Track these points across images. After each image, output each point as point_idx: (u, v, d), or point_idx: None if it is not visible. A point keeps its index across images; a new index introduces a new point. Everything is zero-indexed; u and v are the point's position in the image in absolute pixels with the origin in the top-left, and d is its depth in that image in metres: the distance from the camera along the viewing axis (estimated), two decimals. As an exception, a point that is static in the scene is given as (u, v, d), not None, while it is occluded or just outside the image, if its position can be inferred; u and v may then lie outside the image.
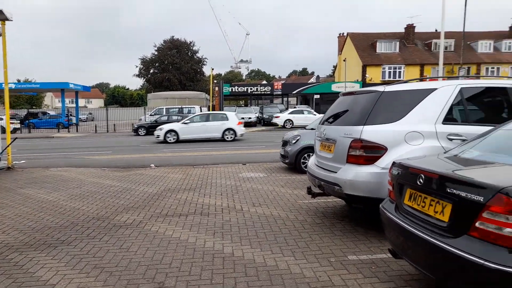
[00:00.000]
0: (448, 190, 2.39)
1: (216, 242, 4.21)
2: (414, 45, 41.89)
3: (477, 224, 2.16)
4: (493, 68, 39.64)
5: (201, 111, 27.59)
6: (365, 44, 42.13)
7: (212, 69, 31.93)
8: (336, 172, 4.48)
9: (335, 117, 4.99)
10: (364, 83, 38.57)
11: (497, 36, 42.01)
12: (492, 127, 3.39)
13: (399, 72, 39.68)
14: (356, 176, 4.19)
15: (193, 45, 58.83)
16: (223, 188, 7.13)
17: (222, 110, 29.97)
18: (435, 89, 4.33)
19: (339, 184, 4.36)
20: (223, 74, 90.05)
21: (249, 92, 40.45)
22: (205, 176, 8.47)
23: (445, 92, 4.30)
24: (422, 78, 5.60)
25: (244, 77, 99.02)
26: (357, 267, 3.50)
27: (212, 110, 28.94)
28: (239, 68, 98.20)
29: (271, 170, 9.18)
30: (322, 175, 4.76)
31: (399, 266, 3.47)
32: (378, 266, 3.52)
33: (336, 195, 4.60)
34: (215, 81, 34.37)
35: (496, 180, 2.15)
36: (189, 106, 29.31)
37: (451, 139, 4.14)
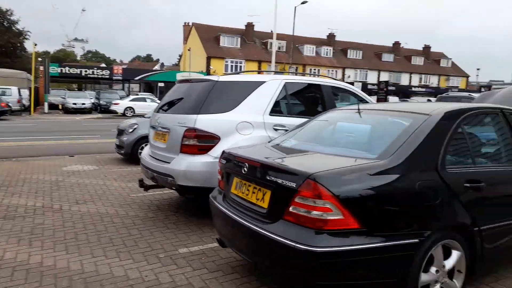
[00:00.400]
0: (268, 178, 2.48)
1: (20, 252, 3.47)
2: (253, 43, 45.15)
3: (290, 209, 2.29)
4: (315, 69, 46.15)
5: (19, 93, 23.27)
6: (209, 36, 43.13)
7: (35, 45, 27.04)
8: (169, 163, 4.28)
9: (170, 105, 4.77)
10: (208, 75, 39.46)
11: (318, 42, 49.08)
12: (308, 119, 3.76)
13: (240, 67, 42.17)
14: (189, 166, 4.09)
15: (11, 14, 49.03)
16: (39, 184, 6.05)
17: (48, 93, 26.01)
18: (264, 82, 4.58)
19: (172, 175, 4.17)
20: (52, 52, 78.20)
21: (83, 74, 36.11)
22: (16, 171, 7.06)
23: (272, 85, 4.59)
24: (254, 71, 5.90)
25: (78, 58, 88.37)
26: (186, 260, 3.39)
27: (35, 92, 24.73)
28: (73, 47, 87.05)
29: (104, 162, 8.34)
30: (155, 166, 4.50)
31: (227, 253, 3.52)
32: (208, 256, 3.50)
33: (169, 186, 4.41)
34: (39, 59, 29.40)
35: (306, 167, 2.32)
36: (4, 87, 24.20)
37: (276, 129, 4.45)
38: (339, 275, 2.22)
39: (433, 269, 2.46)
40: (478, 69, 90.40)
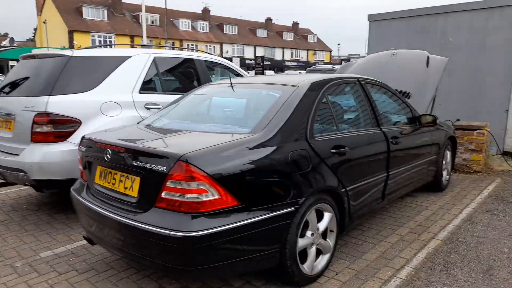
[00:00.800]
0: (135, 163, 2.22)
1: None
2: (123, 15, 41.70)
3: (163, 195, 2.09)
4: (192, 45, 45.23)
5: None
6: (69, 8, 38.22)
7: None
8: (18, 155, 3.59)
9: (14, 86, 3.97)
10: (72, 51, 35.14)
11: (194, 16, 48.01)
12: (181, 95, 3.54)
13: (110, 42, 38.66)
14: (45, 157, 3.49)
15: None
16: None
17: None
18: (130, 56, 4.13)
19: (23, 169, 3.52)
20: None
21: None
22: None
23: (139, 60, 4.18)
24: (126, 44, 5.32)
25: None
26: (51, 265, 2.93)
27: None
28: None
29: None
30: (1, 161, 3.74)
31: (101, 249, 3.16)
32: (78, 256, 3.08)
33: (22, 183, 3.72)
34: None
35: (177, 148, 2.13)
36: None
37: (149, 108, 4.11)
38: (219, 256, 2.13)
39: (309, 233, 2.58)
40: (338, 44, 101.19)
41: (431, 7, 6.95)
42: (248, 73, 5.93)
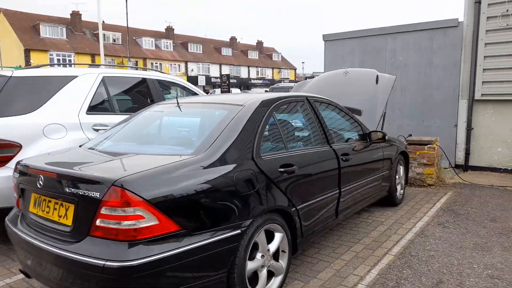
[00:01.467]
0: (68, 190, 2.08)
1: None
2: (83, 34, 40.82)
3: (98, 223, 1.97)
4: (156, 63, 44.82)
5: None
6: (25, 26, 36.94)
7: None
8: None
9: None
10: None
11: (157, 35, 47.78)
12: (128, 116, 3.42)
13: (70, 60, 37.61)
14: (-20, 184, 3.24)
15: None
16: None
17: None
18: (76, 76, 3.98)
19: (-46, 198, 3.24)
20: None
21: None
22: None
23: (86, 80, 4.04)
24: (85, 64, 5.13)
25: None
26: (-19, 304, 2.67)
27: None
28: None
29: None
30: None
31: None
32: (14, 291, 2.84)
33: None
34: None
35: (112, 173, 2.02)
36: None
37: (97, 130, 3.94)
38: (161, 285, 2.01)
39: (258, 255, 2.51)
40: (303, 62, 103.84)
41: (381, 28, 7.28)
42: (214, 91, 5.86)
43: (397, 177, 4.73)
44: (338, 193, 3.38)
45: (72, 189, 2.06)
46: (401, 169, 4.91)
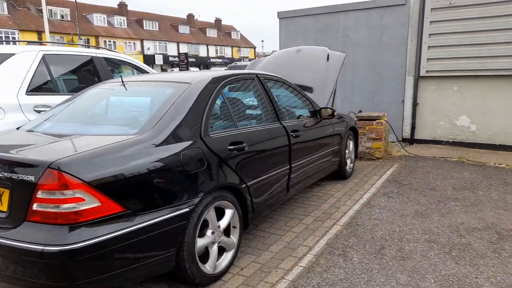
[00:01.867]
0: (1, 174, 1.98)
1: None
2: (27, 9, 37.90)
3: (34, 207, 1.90)
4: (110, 41, 42.71)
5: None
6: (-41, -1, 33.66)
7: None
8: None
9: None
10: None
11: (109, 11, 45.33)
12: (72, 95, 3.28)
13: (13, 38, 34.94)
14: None
15: None
16: None
17: None
18: (13, 54, 3.72)
19: None
20: None
21: None
22: None
23: (25, 58, 3.79)
24: (34, 42, 4.75)
25: None
26: None
27: None
28: None
29: None
30: None
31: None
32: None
33: None
34: None
35: (47, 155, 1.95)
36: None
37: (39, 111, 3.74)
38: (107, 267, 2.00)
39: (209, 232, 2.55)
40: (262, 41, 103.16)
41: (333, 6, 7.37)
42: (172, 70, 5.70)
43: (347, 151, 4.92)
44: (289, 169, 3.47)
45: (6, 174, 1.96)
46: (351, 144, 5.10)
